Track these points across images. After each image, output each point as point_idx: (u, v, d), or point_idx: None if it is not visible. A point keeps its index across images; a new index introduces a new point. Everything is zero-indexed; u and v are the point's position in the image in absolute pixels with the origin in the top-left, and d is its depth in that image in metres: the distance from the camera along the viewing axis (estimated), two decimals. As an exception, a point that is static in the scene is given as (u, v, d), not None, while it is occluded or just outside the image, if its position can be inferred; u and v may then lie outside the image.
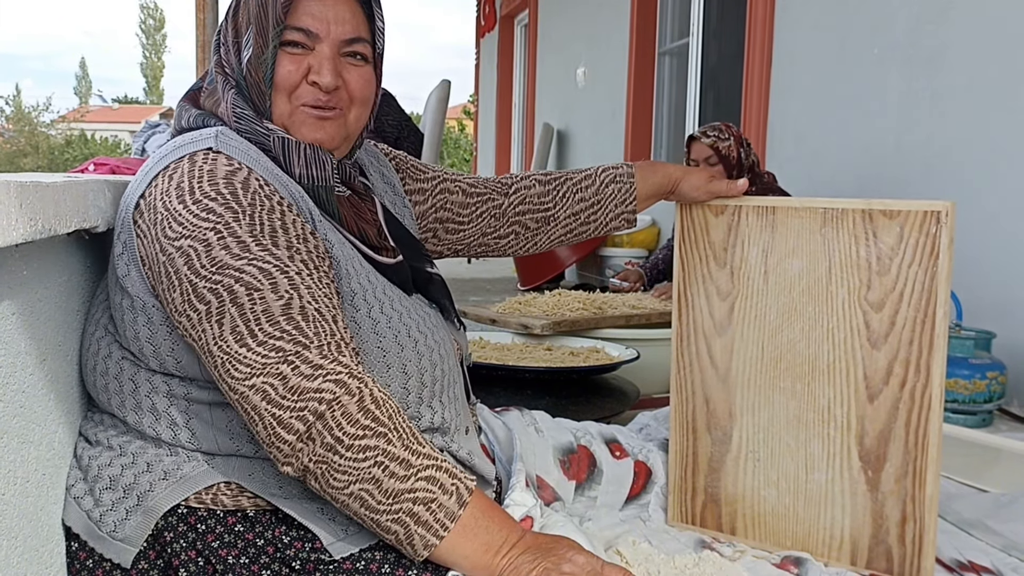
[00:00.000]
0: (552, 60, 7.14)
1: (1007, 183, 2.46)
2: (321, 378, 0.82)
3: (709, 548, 1.20)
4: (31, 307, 0.89)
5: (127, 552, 0.91)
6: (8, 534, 0.82)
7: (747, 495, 1.23)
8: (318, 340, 0.84)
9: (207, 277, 0.86)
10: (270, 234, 0.89)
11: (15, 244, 0.77)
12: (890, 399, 1.11)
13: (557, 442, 1.29)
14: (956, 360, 2.15)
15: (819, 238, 1.17)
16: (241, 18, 1.02)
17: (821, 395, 1.16)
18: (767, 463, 1.21)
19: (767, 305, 1.20)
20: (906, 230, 1.12)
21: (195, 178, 0.91)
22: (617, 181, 1.30)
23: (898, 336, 1.11)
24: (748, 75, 3.86)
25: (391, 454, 0.83)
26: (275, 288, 0.86)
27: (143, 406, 0.96)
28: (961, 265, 2.57)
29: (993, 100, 2.52)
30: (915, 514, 1.11)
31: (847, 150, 3.20)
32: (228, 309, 0.85)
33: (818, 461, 1.16)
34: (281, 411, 0.82)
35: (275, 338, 0.84)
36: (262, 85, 1.01)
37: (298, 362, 0.83)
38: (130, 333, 0.95)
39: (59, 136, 30.18)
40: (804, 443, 1.17)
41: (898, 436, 1.11)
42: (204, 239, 0.88)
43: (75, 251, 1.02)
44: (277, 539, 0.91)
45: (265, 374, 0.82)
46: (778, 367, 1.19)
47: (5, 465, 0.82)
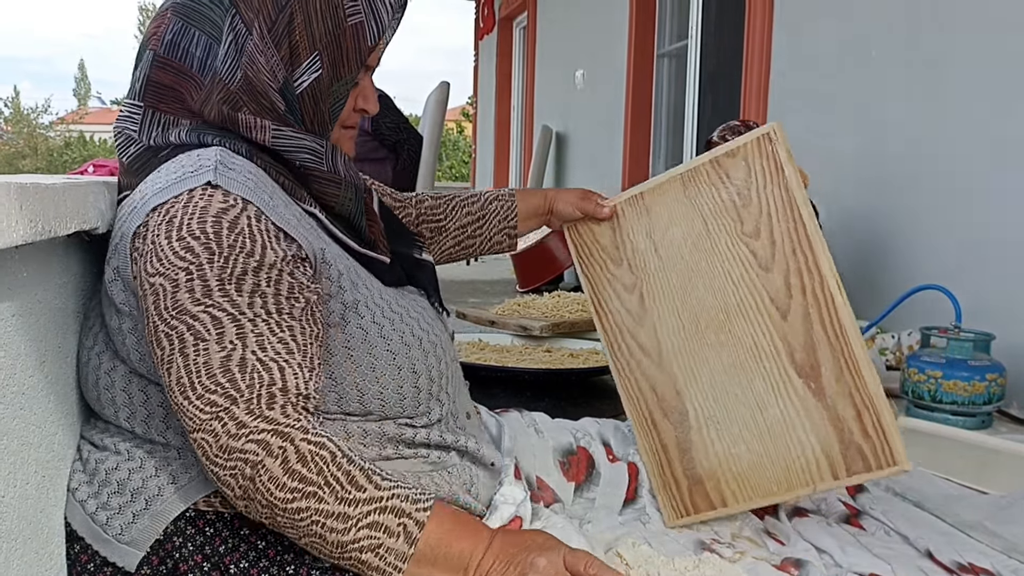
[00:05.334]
0: (551, 62, 7.14)
1: (1007, 185, 2.47)
2: (244, 438, 0.82)
3: (709, 550, 1.19)
4: (30, 309, 0.89)
5: (132, 555, 0.91)
6: (8, 536, 0.82)
7: (721, 461, 1.26)
8: (249, 393, 0.83)
9: (166, 320, 0.86)
10: (238, 277, 0.87)
11: (15, 246, 0.76)
12: (799, 309, 1.19)
13: (557, 443, 1.29)
14: (955, 362, 2.15)
15: (686, 201, 1.29)
16: (299, 36, 0.97)
17: (743, 334, 1.23)
18: (725, 421, 1.25)
19: (668, 278, 1.29)
20: (750, 161, 1.23)
21: (187, 215, 0.89)
22: (499, 199, 1.41)
23: (782, 251, 1.20)
24: (747, 78, 3.86)
25: (324, 512, 0.82)
26: (220, 339, 0.85)
27: (155, 415, 0.96)
28: (960, 266, 2.58)
29: (993, 102, 2.52)
30: (865, 403, 1.15)
31: (846, 153, 3.20)
32: (176, 358, 0.85)
33: (766, 396, 1.22)
34: (217, 468, 0.83)
35: (210, 391, 0.84)
36: (326, 115, 1.02)
37: (226, 419, 0.83)
38: (135, 356, 0.95)
39: (58, 138, 30.16)
40: (748, 386, 1.23)
41: (820, 339, 1.18)
42: (174, 279, 0.87)
43: (75, 253, 1.02)
44: (278, 541, 0.92)
45: (202, 430, 0.83)
46: (698, 327, 1.27)
47: (5, 467, 0.82)
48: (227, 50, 0.96)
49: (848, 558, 1.20)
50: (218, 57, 0.96)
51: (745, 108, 3.86)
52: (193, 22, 0.97)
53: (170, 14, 0.99)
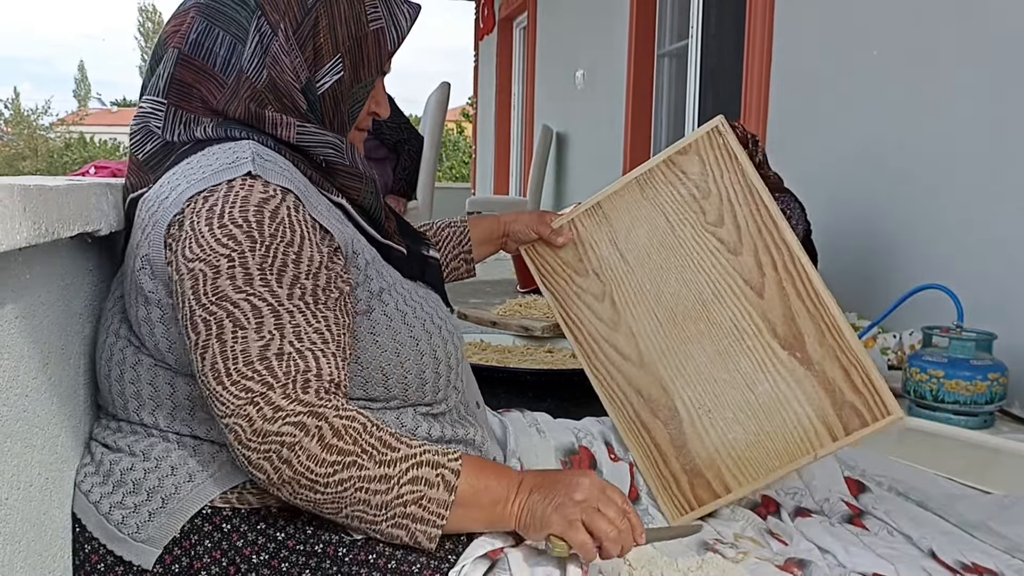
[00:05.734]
0: (551, 62, 7.14)
1: (1008, 183, 2.47)
2: (280, 421, 0.85)
3: (712, 550, 1.19)
4: (34, 311, 0.88)
5: (149, 553, 0.92)
6: (12, 538, 0.82)
7: (719, 448, 1.27)
8: (285, 379, 0.86)
9: (205, 305, 0.88)
10: (279, 268, 0.90)
11: (18, 248, 0.76)
12: (774, 284, 1.23)
13: (559, 443, 1.29)
14: (957, 361, 2.15)
15: (645, 202, 1.33)
16: (323, 40, 1.00)
17: (723, 319, 1.26)
18: (717, 408, 1.27)
19: (638, 280, 1.32)
20: (703, 155, 1.29)
21: (228, 203, 0.91)
22: (452, 226, 1.45)
23: (748, 233, 1.25)
24: (747, 77, 3.86)
25: (367, 477, 0.86)
26: (259, 328, 0.87)
27: (181, 408, 0.96)
28: (961, 266, 2.58)
29: (994, 99, 2.52)
30: (851, 361, 1.19)
31: (847, 151, 3.20)
32: (212, 344, 0.87)
33: (754, 375, 1.25)
34: (250, 452, 0.85)
35: (246, 378, 0.85)
36: (346, 116, 1.05)
37: (262, 403, 0.85)
38: (163, 344, 0.95)
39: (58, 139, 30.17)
40: (735, 368, 1.25)
41: (798, 308, 1.22)
42: (215, 265, 0.88)
43: (78, 255, 1.02)
44: (300, 531, 0.93)
45: (235, 415, 0.85)
46: (676, 321, 1.29)
47: (8, 469, 0.82)
48: (253, 50, 0.98)
49: (851, 558, 1.20)
50: (243, 57, 0.98)
51: (746, 108, 3.86)
52: (218, 22, 0.99)
53: (193, 13, 1.01)
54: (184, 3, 1.04)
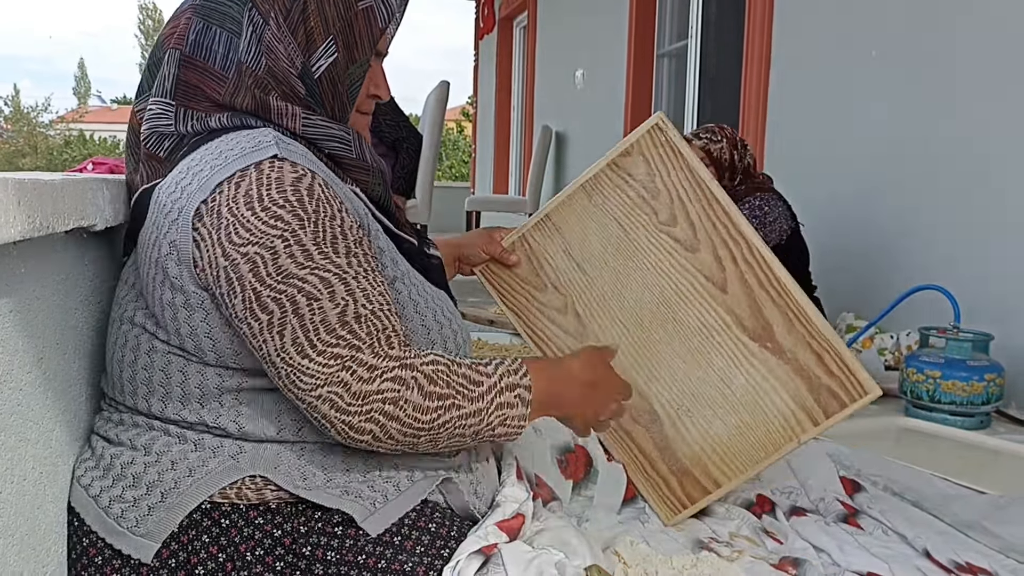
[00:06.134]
0: (551, 62, 7.14)
1: (1006, 185, 2.47)
2: (379, 379, 0.88)
3: (707, 549, 1.19)
4: (28, 305, 0.88)
5: (148, 547, 0.92)
6: (5, 532, 0.82)
7: (703, 446, 1.27)
8: (370, 340, 0.89)
9: (272, 286, 0.89)
10: (331, 241, 0.92)
11: (13, 241, 0.76)
12: (736, 278, 1.22)
13: (555, 441, 1.29)
14: (954, 362, 2.15)
15: (595, 209, 1.30)
16: (313, 23, 1.01)
17: (689, 319, 1.25)
18: (696, 407, 1.27)
19: (599, 289, 1.31)
20: (647, 155, 1.26)
21: (263, 186, 0.92)
22: None
23: (703, 229, 1.23)
24: (747, 77, 3.86)
25: (464, 414, 0.92)
26: (332, 296, 0.89)
27: (191, 397, 0.96)
28: (959, 267, 2.58)
29: (992, 100, 2.52)
30: (822, 346, 1.19)
31: (846, 152, 3.20)
32: (290, 320, 0.88)
33: (728, 370, 1.24)
34: (350, 417, 0.87)
35: (332, 346, 0.88)
36: (345, 97, 1.05)
37: (355, 366, 0.87)
38: (185, 329, 0.95)
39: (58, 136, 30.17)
40: (708, 366, 1.25)
41: (763, 299, 1.21)
42: (271, 246, 0.90)
43: (73, 249, 1.01)
44: (295, 530, 0.93)
45: (329, 383, 0.87)
46: (643, 326, 1.28)
47: (2, 463, 0.82)
48: (248, 41, 1.00)
49: (846, 557, 1.20)
50: (240, 50, 1.00)
51: (745, 108, 3.86)
52: (214, 20, 1.01)
53: (190, 14, 1.03)
54: (180, 6, 1.06)
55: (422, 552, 0.93)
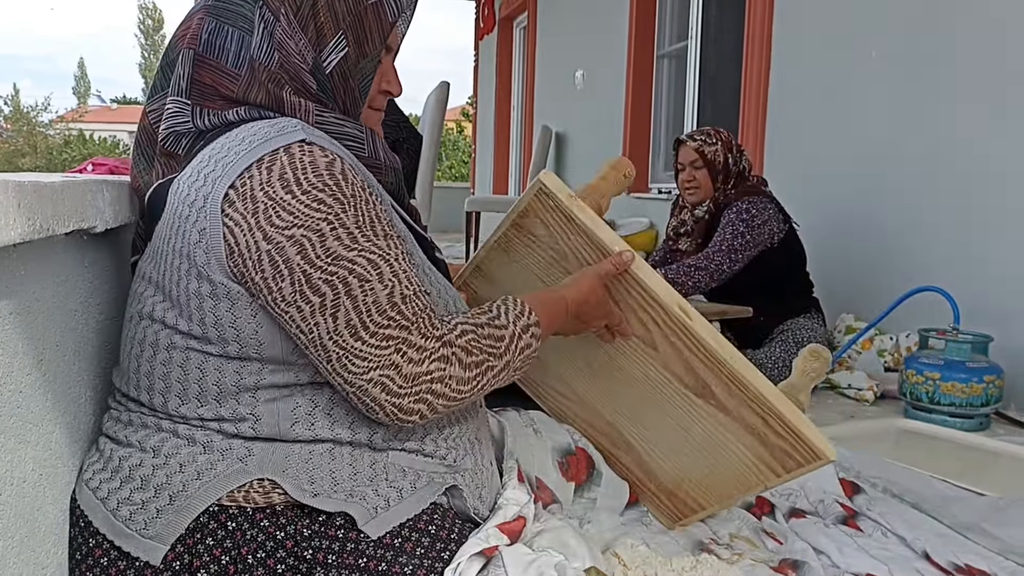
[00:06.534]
0: (551, 62, 7.14)
1: (1006, 186, 2.47)
2: (428, 360, 0.92)
3: (707, 551, 1.20)
4: (28, 307, 0.88)
5: (157, 550, 0.92)
6: (4, 534, 0.82)
7: (679, 475, 1.25)
8: (416, 320, 0.93)
9: (323, 268, 0.90)
10: (370, 224, 0.94)
11: (13, 244, 0.76)
12: (662, 339, 1.16)
13: (556, 443, 1.29)
14: (953, 364, 2.15)
15: (515, 264, 1.27)
16: (323, 18, 1.02)
17: (633, 370, 1.21)
18: (662, 444, 1.25)
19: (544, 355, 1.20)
20: (542, 217, 1.18)
21: (297, 169, 0.92)
22: None
23: (617, 292, 1.16)
24: (747, 78, 3.86)
25: (497, 370, 0.99)
26: (381, 278, 0.92)
27: (208, 394, 0.96)
28: (958, 269, 2.58)
29: (992, 102, 2.52)
30: (764, 409, 1.11)
31: (846, 153, 3.20)
32: (343, 302, 0.90)
33: (684, 420, 1.20)
34: (400, 399, 0.91)
35: (384, 327, 0.91)
36: (356, 92, 1.06)
37: (406, 348, 0.91)
38: (210, 319, 0.95)
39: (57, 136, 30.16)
40: (664, 413, 1.21)
41: (694, 362, 1.14)
42: (318, 229, 0.90)
43: (73, 251, 1.01)
44: (298, 532, 0.93)
45: (381, 367, 0.90)
46: (595, 371, 1.25)
47: (2, 466, 0.82)
48: (260, 38, 1.01)
49: (845, 559, 1.20)
50: (252, 47, 1.01)
51: (745, 108, 3.86)
52: (226, 20, 1.02)
53: (201, 14, 1.03)
54: (193, 7, 1.07)
55: (422, 554, 0.93)
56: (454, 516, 1.00)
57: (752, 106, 3.80)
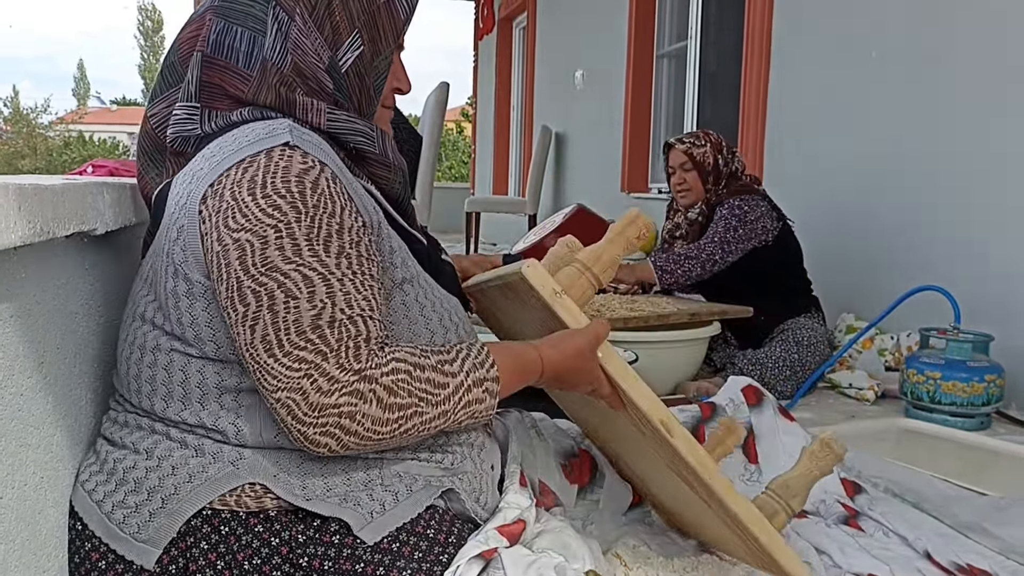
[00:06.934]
0: (550, 63, 7.14)
1: (1006, 186, 2.47)
2: (338, 393, 0.85)
3: (708, 552, 1.20)
4: (29, 310, 0.88)
5: (150, 554, 0.91)
6: (6, 537, 0.82)
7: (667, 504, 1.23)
8: (338, 347, 0.87)
9: (254, 276, 0.88)
10: (324, 239, 0.91)
11: (13, 247, 0.76)
12: (650, 438, 1.06)
13: (559, 446, 1.29)
14: (954, 363, 2.15)
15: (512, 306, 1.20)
16: (339, 17, 1.03)
17: (633, 439, 1.12)
18: (687, 507, 1.17)
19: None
20: (526, 297, 1.08)
21: (269, 173, 0.92)
22: None
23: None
24: (746, 78, 3.86)
25: (427, 418, 0.91)
26: (311, 297, 0.88)
27: (191, 397, 0.96)
28: (959, 267, 2.58)
29: (993, 99, 2.52)
30: (738, 527, 1.02)
31: (846, 152, 3.20)
32: (263, 315, 0.87)
33: (683, 493, 1.10)
34: (305, 427, 0.86)
35: (299, 348, 0.86)
36: (372, 90, 1.07)
37: (316, 375, 0.85)
38: (186, 319, 0.95)
39: (57, 138, 30.15)
40: (679, 485, 1.11)
41: (675, 467, 1.05)
42: (263, 235, 0.89)
43: (73, 254, 1.01)
44: (293, 538, 0.92)
45: (288, 388, 0.85)
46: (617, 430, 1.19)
47: (3, 469, 0.82)
48: (274, 39, 1.00)
49: (847, 559, 1.20)
50: (265, 47, 1.00)
51: (745, 108, 3.86)
52: (235, 20, 1.01)
53: (210, 15, 1.03)
54: (199, 8, 1.06)
55: (420, 558, 0.92)
56: (452, 519, 0.99)
57: (752, 105, 3.80)
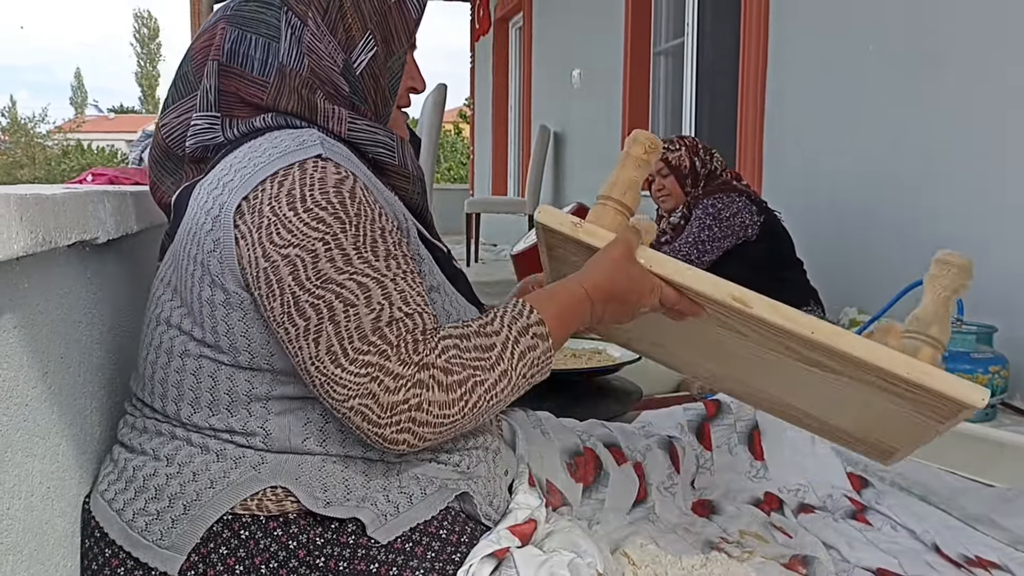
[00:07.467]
0: (547, 62, 7.15)
1: (1006, 175, 2.46)
2: (404, 388, 0.87)
3: (717, 549, 1.19)
4: (32, 320, 0.88)
5: (174, 560, 0.92)
6: (14, 548, 0.82)
7: (859, 427, 1.16)
8: (398, 343, 0.88)
9: (310, 290, 0.88)
10: (371, 245, 0.92)
11: (16, 257, 0.76)
12: (740, 325, 1.04)
13: (564, 445, 1.29)
14: (958, 355, 2.15)
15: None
16: (351, 20, 1.03)
17: (749, 355, 1.11)
18: (826, 407, 1.15)
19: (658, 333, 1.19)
20: (563, 247, 1.11)
21: (306, 186, 0.92)
22: None
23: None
24: (744, 74, 3.86)
25: (490, 385, 0.91)
26: (369, 302, 0.89)
27: (220, 403, 0.96)
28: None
29: (991, 95, 2.52)
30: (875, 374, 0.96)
31: (845, 148, 3.20)
32: (326, 327, 0.88)
33: (822, 387, 1.06)
34: (381, 429, 0.87)
35: (363, 353, 0.87)
36: (387, 91, 1.07)
37: (383, 376, 0.87)
38: (221, 328, 0.95)
39: (55, 147, 30.19)
40: (808, 385, 1.08)
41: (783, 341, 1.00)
42: (312, 249, 0.89)
43: (75, 263, 1.01)
44: (311, 541, 0.93)
45: (360, 395, 0.86)
46: (725, 355, 1.19)
47: (10, 480, 0.82)
48: (289, 45, 1.01)
49: (855, 553, 1.20)
50: (280, 53, 1.01)
51: (743, 102, 3.86)
52: (248, 28, 1.02)
53: (223, 24, 1.03)
54: (211, 18, 1.06)
55: (433, 558, 0.93)
56: (465, 520, 1.00)
57: (750, 100, 3.79)
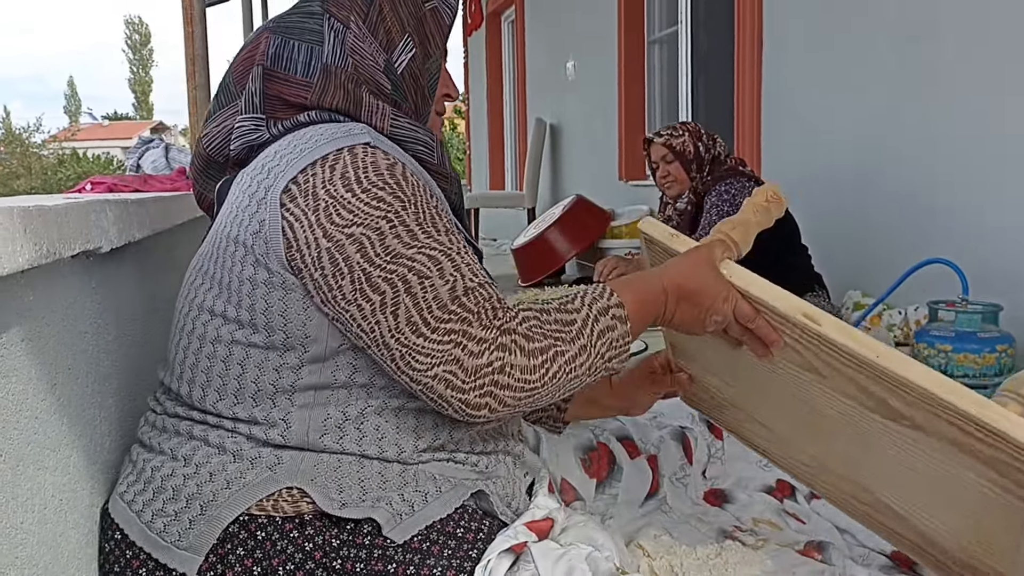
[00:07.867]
0: (541, 54, 7.13)
1: (1007, 153, 2.46)
2: (487, 352, 0.90)
3: (731, 538, 1.19)
4: (38, 332, 0.88)
5: (193, 561, 0.92)
6: (29, 563, 0.82)
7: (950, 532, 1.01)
8: (478, 310, 0.91)
9: (381, 266, 0.91)
10: (432, 221, 0.95)
11: (21, 270, 0.76)
12: (811, 356, 0.97)
13: (578, 440, 1.29)
14: (964, 335, 2.14)
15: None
16: (390, 23, 1.07)
17: (823, 408, 1.03)
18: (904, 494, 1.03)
19: (739, 394, 1.18)
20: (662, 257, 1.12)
21: (359, 168, 0.95)
22: None
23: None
24: (739, 59, 3.84)
25: (570, 357, 0.93)
26: (442, 273, 0.92)
27: (246, 392, 0.97)
28: (965, 239, 2.57)
29: (988, 71, 2.51)
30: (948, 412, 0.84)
31: (844, 129, 3.19)
32: (403, 299, 0.90)
33: (899, 455, 0.96)
34: (465, 394, 0.89)
35: (445, 321, 0.90)
36: (427, 91, 1.11)
37: (466, 341, 0.90)
38: (260, 305, 0.96)
39: (51, 156, 30.14)
40: (878, 452, 0.99)
41: (849, 373, 0.93)
42: (377, 227, 0.92)
43: (80, 273, 1.01)
44: (327, 543, 0.93)
45: (444, 362, 0.89)
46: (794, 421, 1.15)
47: (22, 493, 0.82)
48: (332, 47, 1.05)
49: (872, 537, 1.20)
50: (324, 55, 1.04)
51: (740, 88, 3.85)
52: (292, 35, 1.06)
53: (267, 34, 1.07)
54: (254, 32, 1.11)
55: (450, 555, 0.93)
56: (481, 517, 1.00)
57: (746, 85, 3.78)
